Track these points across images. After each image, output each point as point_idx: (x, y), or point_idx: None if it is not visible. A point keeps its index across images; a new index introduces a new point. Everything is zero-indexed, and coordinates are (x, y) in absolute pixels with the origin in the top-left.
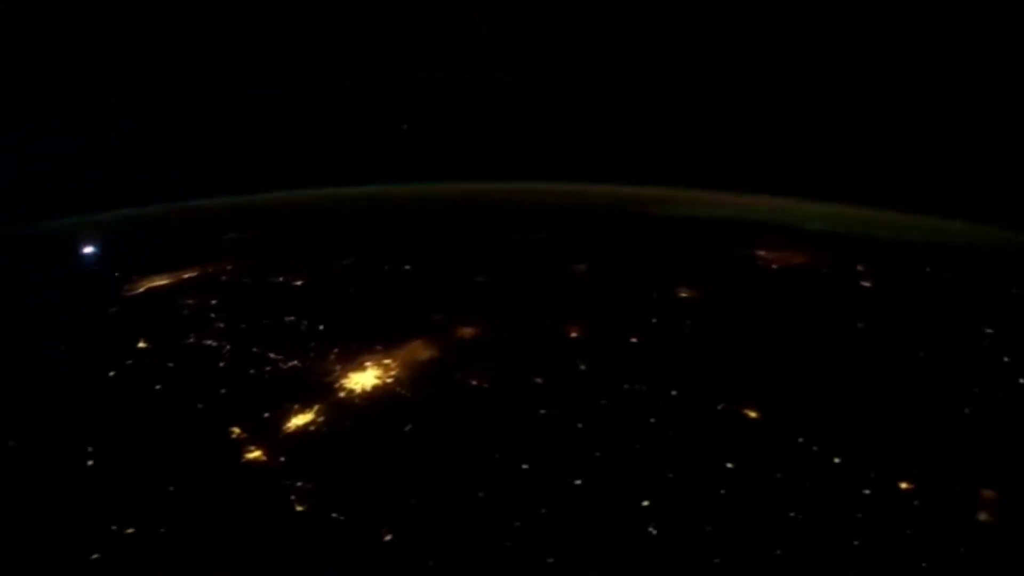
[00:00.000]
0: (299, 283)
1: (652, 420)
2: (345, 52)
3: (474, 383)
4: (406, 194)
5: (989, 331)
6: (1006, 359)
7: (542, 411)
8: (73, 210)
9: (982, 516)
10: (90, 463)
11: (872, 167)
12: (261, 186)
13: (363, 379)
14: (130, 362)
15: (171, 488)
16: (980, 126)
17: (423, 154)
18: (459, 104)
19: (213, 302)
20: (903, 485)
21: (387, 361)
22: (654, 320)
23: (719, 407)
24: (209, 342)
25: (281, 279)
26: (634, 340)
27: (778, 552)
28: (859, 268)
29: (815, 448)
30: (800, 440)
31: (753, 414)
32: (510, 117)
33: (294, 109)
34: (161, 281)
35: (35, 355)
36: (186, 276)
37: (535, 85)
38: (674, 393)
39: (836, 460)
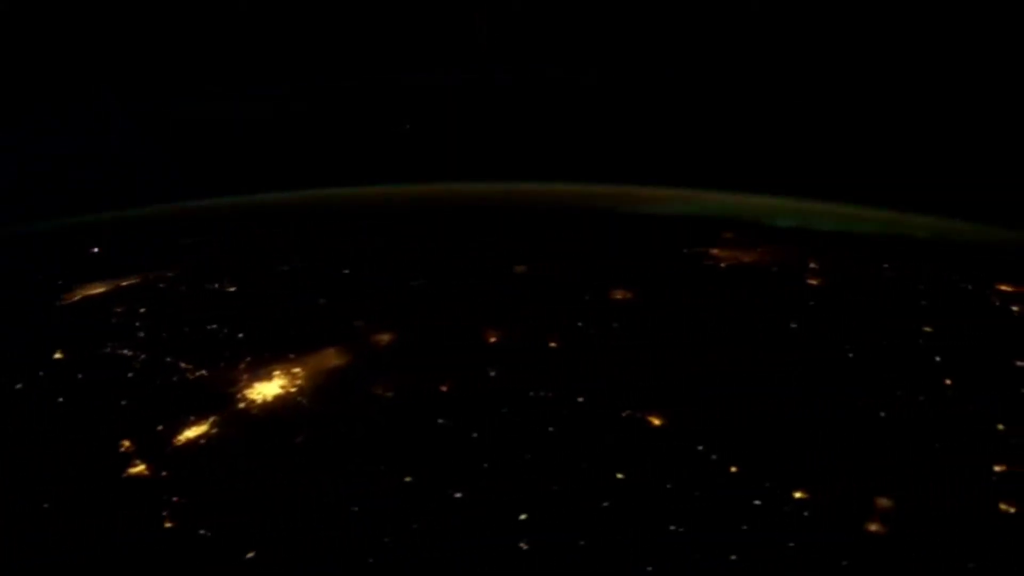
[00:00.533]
0: (243, 288)
1: (549, 429)
2: (345, 52)
3: (377, 392)
4: (406, 194)
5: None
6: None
7: (439, 420)
8: (73, 210)
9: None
10: None
11: (872, 167)
12: (261, 186)
13: (266, 389)
14: (42, 372)
15: (45, 505)
16: (980, 126)
17: (423, 154)
18: (459, 104)
19: (148, 308)
20: (798, 495)
21: (296, 369)
22: (579, 324)
23: (623, 415)
24: (125, 351)
25: (231, 283)
26: (553, 345)
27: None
28: (813, 264)
29: (716, 457)
30: (700, 448)
31: (657, 421)
32: (510, 117)
33: (294, 109)
34: (102, 288)
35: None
36: (146, 281)
37: (535, 85)
38: (580, 400)
39: (733, 469)
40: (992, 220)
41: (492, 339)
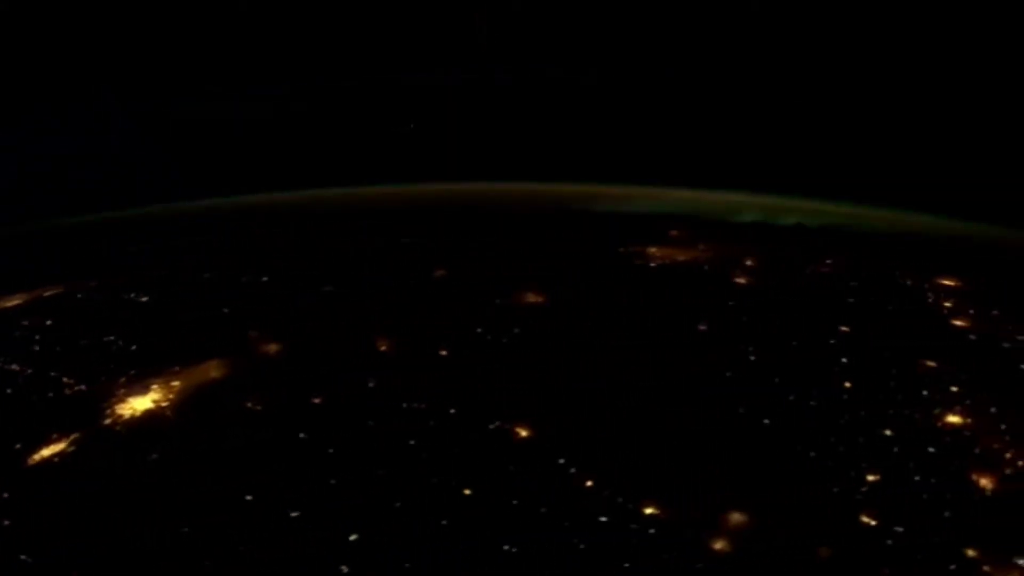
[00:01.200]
0: (168, 296)
1: (411, 442)
2: (345, 52)
3: (248, 405)
4: (406, 194)
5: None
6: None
7: (300, 435)
8: (73, 210)
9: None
10: None
11: (873, 167)
12: (261, 186)
13: (138, 403)
14: None
15: None
16: (980, 126)
17: (423, 154)
18: (459, 104)
19: (61, 319)
20: (649, 510)
21: (175, 383)
22: (479, 330)
23: (491, 427)
24: (13, 365)
25: (158, 291)
26: (444, 353)
27: None
28: (749, 262)
29: (575, 471)
30: (561, 462)
31: (524, 433)
32: (510, 117)
33: (294, 109)
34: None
35: None
36: (68, 289)
37: (535, 85)
38: (451, 411)
39: (588, 483)
40: (992, 220)
41: (383, 347)
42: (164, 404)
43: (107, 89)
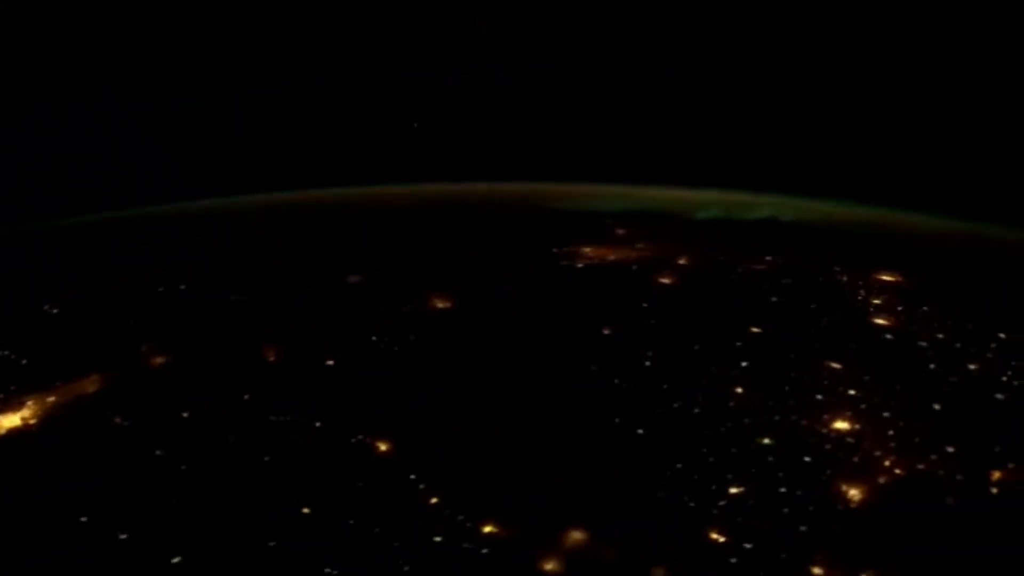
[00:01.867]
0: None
1: (265, 458)
2: (345, 52)
3: (117, 420)
4: (406, 194)
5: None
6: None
7: (156, 452)
8: (73, 210)
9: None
10: None
11: (873, 167)
12: (261, 186)
13: (6, 421)
14: None
15: None
16: (977, 126)
17: (423, 154)
18: (459, 104)
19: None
20: (487, 528)
21: (51, 399)
22: (373, 338)
23: (353, 440)
24: None
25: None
26: (330, 363)
27: None
28: (683, 261)
29: (424, 487)
30: (412, 477)
31: (383, 447)
32: (510, 117)
33: (294, 109)
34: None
35: None
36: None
37: (535, 85)
38: (318, 424)
39: (433, 500)
40: (992, 220)
41: (271, 357)
42: (32, 421)
43: (107, 89)
